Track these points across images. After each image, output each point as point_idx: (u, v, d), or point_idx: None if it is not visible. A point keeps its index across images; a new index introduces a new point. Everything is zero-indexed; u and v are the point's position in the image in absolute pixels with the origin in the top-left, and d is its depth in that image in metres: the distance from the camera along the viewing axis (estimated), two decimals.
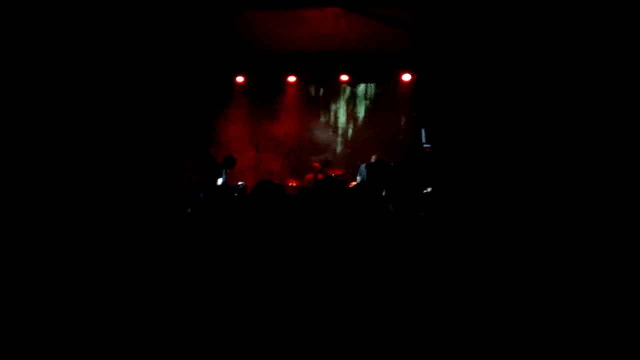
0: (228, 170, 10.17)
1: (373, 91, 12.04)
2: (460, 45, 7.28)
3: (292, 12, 9.34)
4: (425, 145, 8.54)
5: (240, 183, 9.70)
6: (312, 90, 12.29)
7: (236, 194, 9.29)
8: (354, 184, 8.73)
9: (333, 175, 10.41)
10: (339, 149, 11.52)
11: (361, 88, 12.14)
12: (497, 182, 5.77)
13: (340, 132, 11.99)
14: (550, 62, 6.00)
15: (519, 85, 6.24)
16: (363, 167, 8.77)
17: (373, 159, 8.97)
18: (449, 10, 7.57)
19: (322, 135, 12.02)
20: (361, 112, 12.15)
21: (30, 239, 4.02)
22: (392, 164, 9.02)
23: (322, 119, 12.09)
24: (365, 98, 12.13)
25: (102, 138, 7.05)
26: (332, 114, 12.16)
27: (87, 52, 6.86)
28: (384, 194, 7.42)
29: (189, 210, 5.94)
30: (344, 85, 12.21)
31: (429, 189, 5.97)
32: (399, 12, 8.78)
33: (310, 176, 11.07)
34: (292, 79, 12.36)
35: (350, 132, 11.99)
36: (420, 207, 4.85)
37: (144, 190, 6.90)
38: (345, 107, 12.23)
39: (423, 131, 8.55)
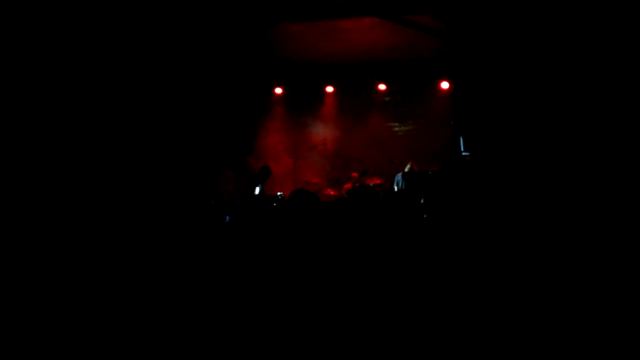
0: (265, 180, 10.29)
1: (410, 99, 12.00)
2: (498, 53, 7.22)
3: (327, 23, 9.41)
4: (463, 153, 8.48)
5: (279, 193, 9.80)
6: (350, 100, 12.33)
7: (275, 204, 9.40)
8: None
9: (371, 184, 10.39)
10: (377, 157, 11.49)
11: (398, 96, 12.12)
12: (533, 189, 5.68)
13: (377, 140, 11.97)
14: (584, 73, 5.89)
15: (554, 93, 6.14)
16: (399, 175, 8.75)
17: (407, 167, 8.93)
18: (485, 19, 7.52)
19: (359, 144, 12.02)
20: (399, 121, 12.12)
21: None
22: (430, 172, 8.97)
23: (360, 128, 12.09)
24: (403, 106, 12.10)
25: (143, 147, 7.22)
26: (370, 123, 12.16)
27: (134, 64, 7.06)
28: (421, 202, 7.40)
29: (227, 218, 6.05)
30: (381, 94, 12.21)
31: (464, 197, 5.92)
32: (435, 20, 8.75)
33: (348, 185, 11.08)
34: (329, 88, 12.44)
35: (388, 140, 11.96)
36: (455, 215, 4.83)
37: (184, 199, 7.05)
38: (382, 116, 12.22)
39: (461, 139, 8.49)
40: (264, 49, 10.45)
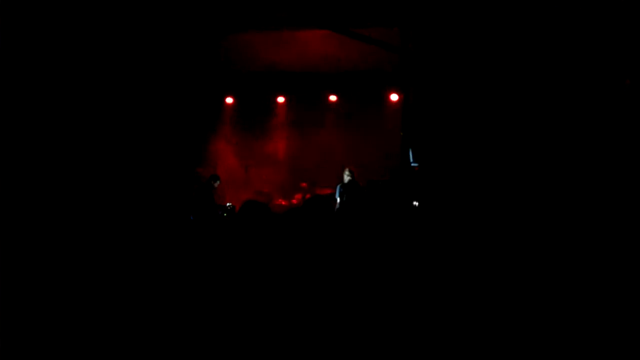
0: (214, 189, 10.15)
1: (361, 111, 12.11)
2: (446, 65, 7.39)
3: (280, 34, 9.43)
4: (412, 164, 8.61)
5: (228, 204, 9.70)
6: (301, 110, 12.35)
7: (225, 214, 9.29)
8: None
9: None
10: (327, 168, 11.53)
11: (349, 108, 12.21)
12: (480, 198, 5.83)
13: (328, 151, 12.02)
14: (533, 84, 6.12)
15: (502, 105, 6.34)
16: (339, 187, 8.77)
17: (346, 176, 8.76)
18: (434, 32, 7.70)
19: (310, 154, 12.04)
20: (349, 132, 12.20)
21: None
22: (380, 182, 9.06)
23: (311, 139, 12.12)
24: (354, 117, 12.18)
25: (90, 162, 7.05)
26: (320, 133, 12.21)
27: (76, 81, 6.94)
28: (363, 210, 7.46)
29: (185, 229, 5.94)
30: (333, 104, 12.28)
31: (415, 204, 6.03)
32: (386, 34, 8.89)
33: (298, 195, 11.09)
34: (280, 99, 12.44)
35: (338, 151, 12.02)
36: (406, 223, 4.90)
37: (136, 212, 6.90)
38: (333, 127, 12.28)
39: (410, 150, 8.62)
40: (215, 58, 10.36)
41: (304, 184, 11.21)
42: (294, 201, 10.99)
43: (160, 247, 4.30)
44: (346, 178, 8.73)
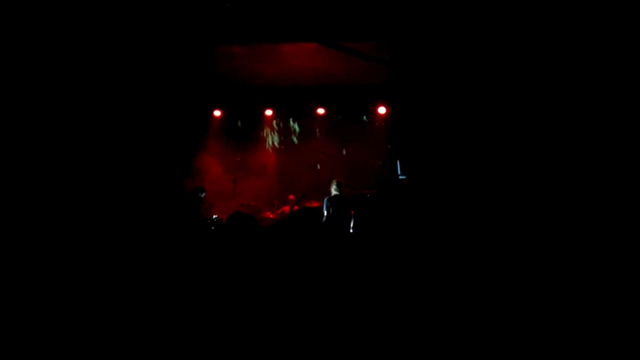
0: (200, 200, 10.08)
1: (349, 123, 12.16)
2: (434, 78, 7.43)
3: (268, 46, 9.44)
4: (400, 177, 8.61)
5: (214, 216, 9.64)
6: (289, 123, 12.38)
7: (212, 227, 9.22)
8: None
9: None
10: (315, 181, 11.53)
11: (337, 121, 12.25)
12: (469, 212, 5.84)
13: (316, 164, 12.03)
14: (526, 98, 6.18)
15: (489, 118, 6.39)
16: (326, 200, 8.74)
17: (333, 189, 8.76)
18: (422, 46, 7.75)
19: (297, 167, 12.05)
20: (337, 145, 12.23)
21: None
22: (368, 195, 9.05)
23: (298, 152, 12.14)
24: (341, 130, 12.22)
25: (76, 171, 7.01)
26: (308, 146, 12.23)
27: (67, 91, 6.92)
28: (351, 224, 7.44)
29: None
30: (321, 117, 12.32)
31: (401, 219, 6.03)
32: (374, 48, 8.94)
33: (286, 208, 11.05)
34: (268, 112, 12.46)
35: (326, 164, 12.04)
36: (392, 237, 4.89)
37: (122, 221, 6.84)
38: (321, 140, 12.31)
39: (398, 163, 8.63)
40: (203, 71, 10.36)
41: (291, 197, 11.18)
42: (282, 213, 10.95)
43: (149, 256, 4.28)
44: (333, 192, 8.72)
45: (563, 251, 4.40)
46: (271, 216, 10.94)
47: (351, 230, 8.04)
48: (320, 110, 12.21)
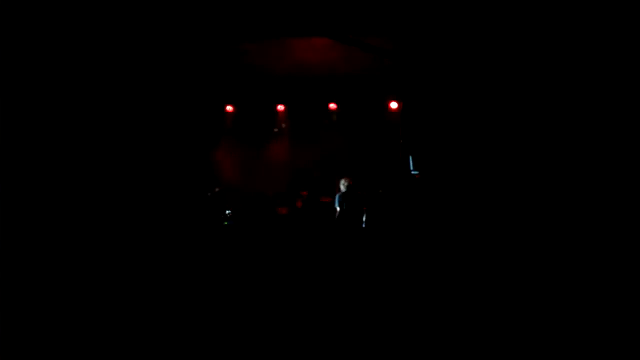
0: (214, 195, 10.14)
1: (361, 118, 12.14)
2: (446, 73, 7.41)
3: (280, 42, 9.45)
4: (413, 172, 8.61)
5: (227, 211, 9.69)
6: (301, 118, 12.39)
7: (226, 222, 9.28)
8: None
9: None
10: (327, 176, 11.52)
11: (349, 115, 12.24)
12: (481, 207, 5.83)
13: (328, 159, 12.03)
14: (536, 87, 6.14)
15: (500, 113, 6.35)
16: (337, 196, 8.75)
17: (342, 187, 8.79)
18: (433, 40, 7.72)
19: (310, 162, 12.06)
20: (349, 139, 12.21)
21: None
22: (380, 191, 9.06)
23: (310, 147, 12.14)
24: (353, 125, 12.21)
25: (94, 166, 7.09)
26: (321, 141, 12.23)
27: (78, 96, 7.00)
28: (363, 219, 7.44)
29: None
30: (332, 112, 12.31)
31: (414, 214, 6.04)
32: (386, 42, 8.91)
33: (299, 203, 11.06)
34: (280, 107, 12.49)
35: (338, 159, 12.03)
36: (405, 232, 4.91)
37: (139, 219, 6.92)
38: (333, 135, 12.30)
39: (410, 158, 8.62)
40: (216, 67, 10.40)
41: (304, 192, 11.19)
42: (295, 208, 10.96)
43: (164, 251, 4.36)
44: (343, 188, 8.77)
45: (575, 243, 4.39)
46: (284, 211, 10.95)
47: (364, 225, 8.05)
48: (332, 105, 12.20)
